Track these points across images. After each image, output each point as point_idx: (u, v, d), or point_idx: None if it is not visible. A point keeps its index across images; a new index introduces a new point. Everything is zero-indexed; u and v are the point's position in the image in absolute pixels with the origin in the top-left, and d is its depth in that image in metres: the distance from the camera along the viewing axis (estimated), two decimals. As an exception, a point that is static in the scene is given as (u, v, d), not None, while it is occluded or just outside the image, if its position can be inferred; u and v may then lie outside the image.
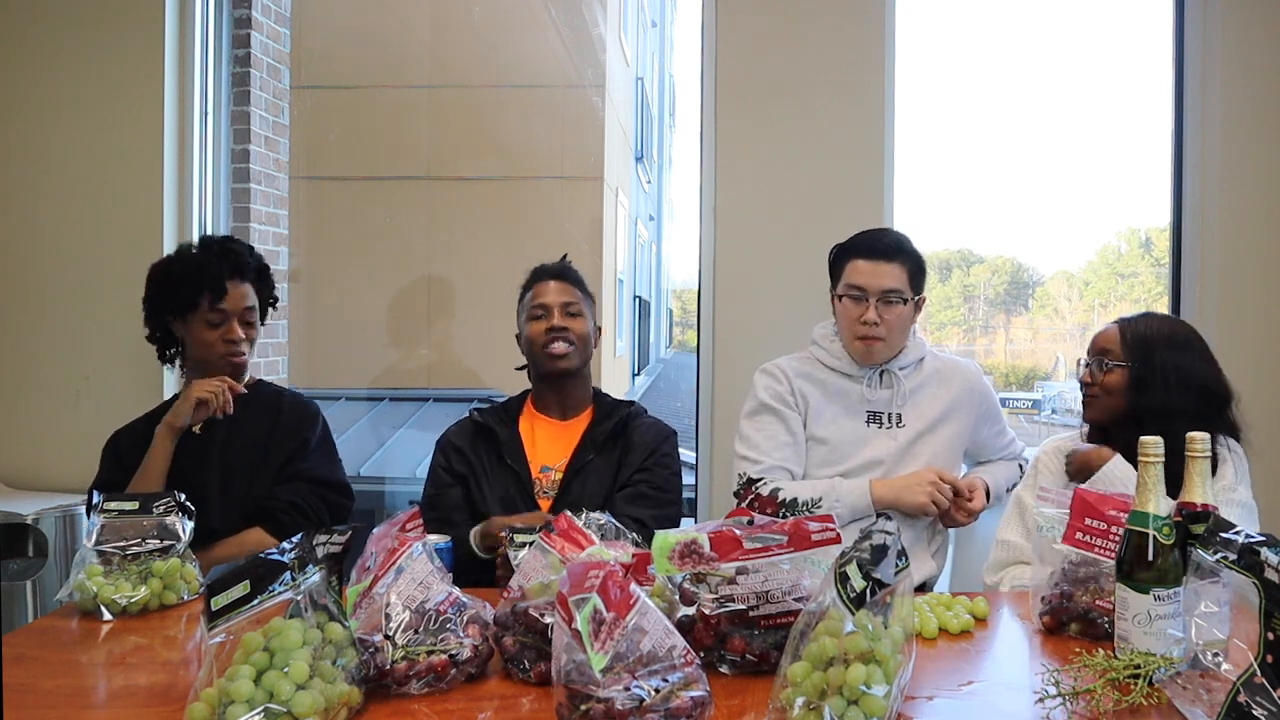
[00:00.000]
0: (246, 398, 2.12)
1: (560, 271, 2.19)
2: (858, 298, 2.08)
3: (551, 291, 2.14)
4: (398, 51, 6.09)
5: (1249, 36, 2.65)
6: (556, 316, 2.11)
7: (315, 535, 1.19)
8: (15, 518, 2.48)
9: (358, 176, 5.97)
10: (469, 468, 2.07)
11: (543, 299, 2.14)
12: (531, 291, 2.17)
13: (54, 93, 2.81)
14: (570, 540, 1.31)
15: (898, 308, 2.07)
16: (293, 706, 1.05)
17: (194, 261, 2.10)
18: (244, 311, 2.10)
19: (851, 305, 2.09)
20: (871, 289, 2.07)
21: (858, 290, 2.08)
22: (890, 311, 2.07)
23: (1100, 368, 1.84)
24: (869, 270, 2.08)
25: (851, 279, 2.09)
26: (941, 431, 2.16)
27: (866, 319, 2.06)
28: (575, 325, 2.12)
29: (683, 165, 11.74)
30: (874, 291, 2.06)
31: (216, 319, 2.08)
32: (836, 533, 1.27)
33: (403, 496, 3.97)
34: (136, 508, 1.63)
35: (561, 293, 2.14)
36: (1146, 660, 1.16)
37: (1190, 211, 2.72)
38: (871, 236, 2.13)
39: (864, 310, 2.07)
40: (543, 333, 2.10)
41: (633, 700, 1.04)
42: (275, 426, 2.09)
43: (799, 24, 2.68)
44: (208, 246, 2.14)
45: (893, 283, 2.07)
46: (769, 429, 2.13)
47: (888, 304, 2.07)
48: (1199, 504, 1.29)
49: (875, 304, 2.06)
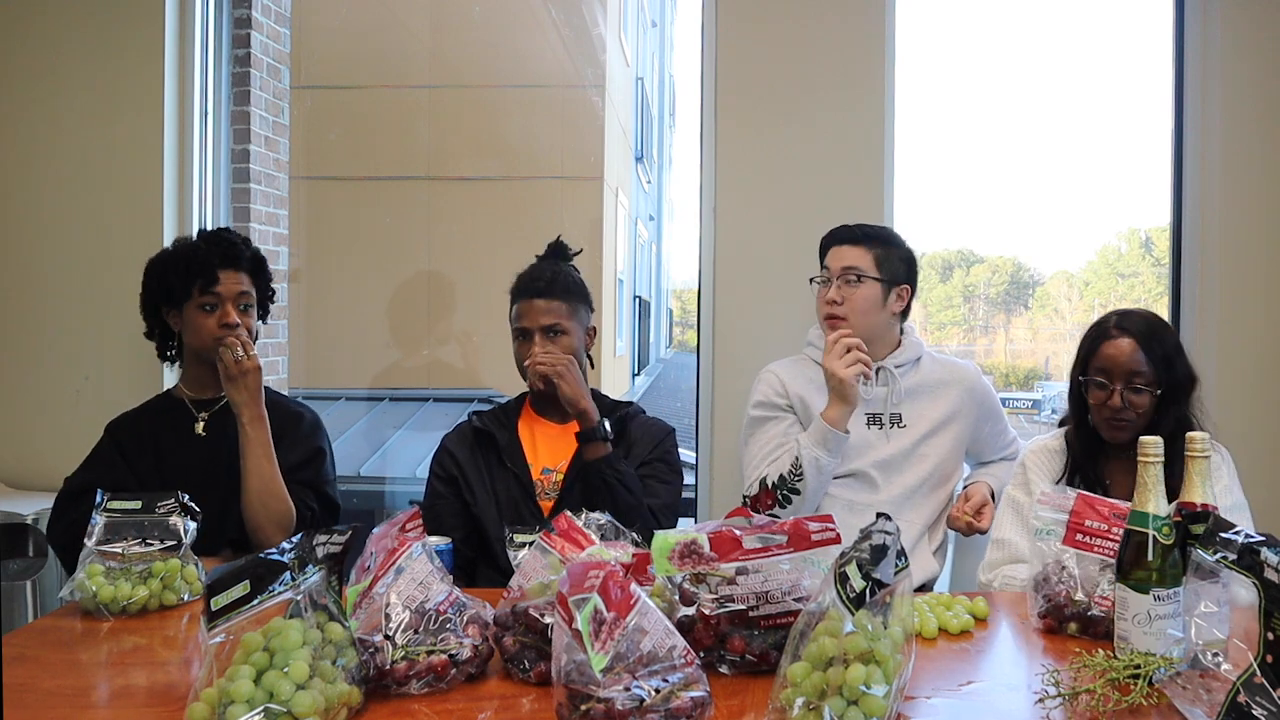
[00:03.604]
0: None
1: (542, 288, 2.07)
2: (825, 280, 2.16)
3: (534, 312, 2.05)
4: (398, 51, 6.09)
5: (1249, 36, 2.65)
6: (537, 343, 2.03)
7: (315, 535, 1.19)
8: (15, 518, 2.47)
9: (358, 176, 5.97)
10: (465, 474, 2.05)
11: (524, 321, 2.06)
12: (515, 308, 2.09)
13: (54, 93, 2.80)
14: (570, 540, 1.31)
15: (857, 288, 2.11)
16: (293, 706, 1.05)
17: (187, 250, 2.10)
18: (238, 297, 2.08)
19: (820, 288, 2.17)
20: (833, 269, 2.15)
21: (825, 271, 2.17)
22: (850, 290, 2.11)
23: (1135, 392, 1.78)
24: (835, 254, 2.16)
25: (823, 262, 2.19)
26: (945, 434, 2.17)
27: (829, 297, 2.13)
28: (558, 347, 2.04)
29: (683, 165, 11.75)
30: (835, 271, 2.14)
31: (210, 303, 2.05)
32: (836, 533, 1.27)
33: (403, 496, 3.97)
34: (139, 507, 1.63)
35: (545, 313, 2.05)
36: (1146, 660, 1.16)
37: (1190, 211, 2.72)
38: (848, 225, 2.19)
39: (826, 290, 2.15)
40: (524, 357, 2.05)
41: (633, 700, 1.04)
42: (281, 432, 2.05)
43: (799, 24, 2.68)
44: (202, 235, 2.14)
45: (852, 261, 2.13)
46: (763, 438, 2.16)
47: (847, 283, 2.11)
48: (1199, 504, 1.29)
49: (837, 283, 2.13)
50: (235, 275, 2.08)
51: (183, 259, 2.08)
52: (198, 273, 2.05)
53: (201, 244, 2.10)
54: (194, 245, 2.11)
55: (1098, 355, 1.82)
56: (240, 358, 1.96)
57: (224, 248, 2.09)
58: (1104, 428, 1.82)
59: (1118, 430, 1.80)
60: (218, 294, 2.05)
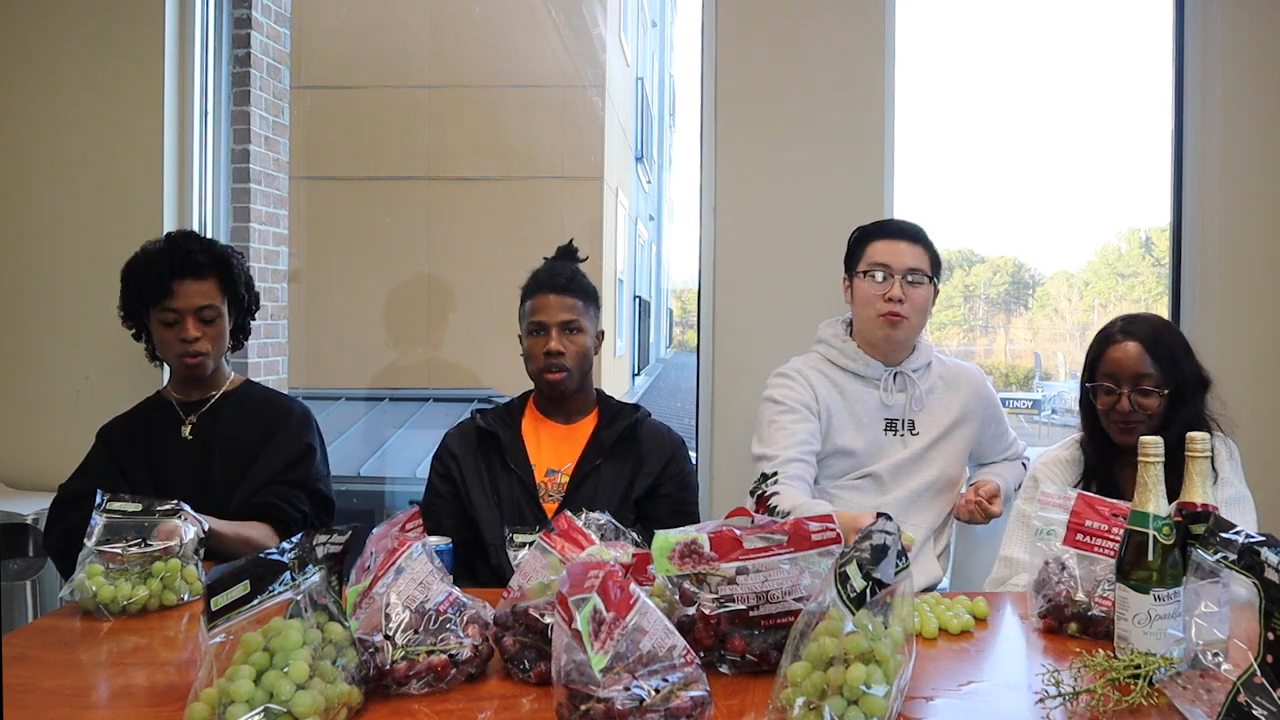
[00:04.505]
0: (235, 399, 2.09)
1: (560, 284, 2.06)
2: (882, 276, 2.05)
3: (551, 307, 2.03)
4: (398, 51, 6.10)
5: (1249, 36, 2.64)
6: (554, 338, 2.01)
7: (315, 535, 1.19)
8: (15, 518, 2.47)
9: (358, 176, 5.98)
10: (464, 474, 2.04)
11: (541, 315, 2.04)
12: (531, 303, 2.07)
13: (54, 93, 2.80)
14: (570, 540, 1.31)
15: (921, 289, 2.06)
16: (293, 706, 1.05)
17: (143, 260, 2.03)
18: (200, 310, 2.01)
19: (874, 284, 2.06)
20: (896, 266, 2.05)
21: (883, 267, 2.05)
22: (913, 291, 2.05)
23: (1142, 394, 1.78)
24: (893, 249, 2.06)
25: (875, 257, 2.07)
26: (954, 438, 2.16)
27: (891, 295, 2.03)
28: (574, 344, 2.03)
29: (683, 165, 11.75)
30: (899, 269, 2.05)
31: (170, 318, 2.00)
32: (837, 533, 1.27)
33: (402, 496, 3.97)
34: (139, 510, 1.62)
35: (561, 309, 2.03)
36: (1146, 660, 1.16)
37: (1190, 211, 2.72)
38: (897, 221, 2.13)
39: (888, 288, 2.04)
40: (542, 354, 2.03)
41: (633, 700, 1.04)
42: (269, 431, 2.05)
43: (799, 24, 2.68)
44: (166, 241, 2.06)
45: (917, 262, 2.06)
46: (791, 427, 2.05)
47: (912, 284, 2.05)
48: (1199, 504, 1.29)
49: (900, 281, 2.04)
50: (195, 285, 2.00)
51: (140, 270, 2.02)
52: (152, 286, 1.99)
53: (157, 253, 2.02)
54: (151, 254, 2.03)
55: (1104, 360, 1.82)
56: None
57: (179, 257, 2.00)
58: (1114, 431, 1.82)
59: (1127, 434, 1.79)
60: (175, 309, 1.99)
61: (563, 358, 2.03)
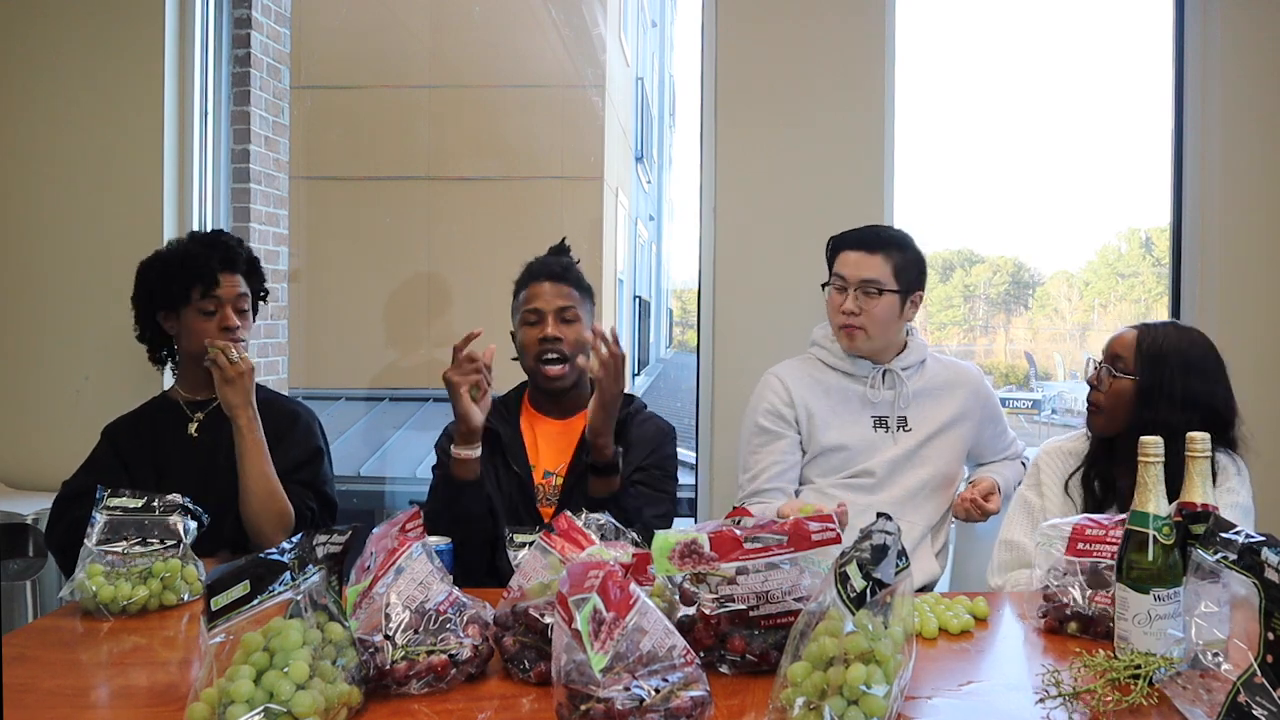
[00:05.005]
0: None
1: (556, 272, 2.06)
2: (840, 287, 2.12)
3: (546, 295, 2.03)
4: (398, 51, 6.09)
5: (1249, 36, 2.65)
6: (550, 324, 2.01)
7: (315, 535, 1.19)
8: (15, 518, 2.47)
9: (358, 176, 5.97)
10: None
11: (536, 303, 2.03)
12: (526, 292, 2.06)
13: (54, 93, 2.80)
14: (570, 540, 1.31)
15: (877, 299, 2.08)
16: (293, 706, 1.05)
17: (184, 253, 2.09)
18: (237, 299, 2.08)
19: (835, 294, 2.13)
20: (851, 279, 2.10)
21: (840, 279, 2.12)
22: (870, 303, 2.08)
23: (1110, 372, 1.83)
24: (853, 261, 2.11)
25: (837, 269, 2.14)
26: (950, 436, 2.16)
27: (845, 308, 2.10)
28: (570, 333, 2.02)
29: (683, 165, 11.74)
30: (853, 281, 2.10)
31: (210, 307, 2.05)
32: (837, 533, 1.27)
33: (403, 496, 3.97)
34: (140, 506, 1.63)
35: (557, 296, 2.03)
36: (1146, 660, 1.16)
37: (1190, 211, 2.72)
38: (862, 229, 2.16)
39: (843, 300, 2.10)
40: (536, 341, 2.02)
41: (633, 700, 1.04)
42: (276, 432, 2.04)
43: (799, 24, 2.68)
44: (197, 239, 2.14)
45: (872, 274, 2.09)
46: (764, 451, 2.15)
47: (866, 295, 2.08)
48: (1199, 504, 1.29)
49: (854, 294, 2.09)
50: (233, 278, 2.09)
51: (181, 262, 2.07)
52: (198, 277, 2.04)
53: (199, 247, 2.09)
54: (192, 248, 2.10)
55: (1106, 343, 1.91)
56: (236, 359, 1.95)
57: (222, 251, 2.08)
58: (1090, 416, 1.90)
59: (1092, 416, 1.87)
60: (218, 297, 2.05)
61: (560, 344, 2.01)
